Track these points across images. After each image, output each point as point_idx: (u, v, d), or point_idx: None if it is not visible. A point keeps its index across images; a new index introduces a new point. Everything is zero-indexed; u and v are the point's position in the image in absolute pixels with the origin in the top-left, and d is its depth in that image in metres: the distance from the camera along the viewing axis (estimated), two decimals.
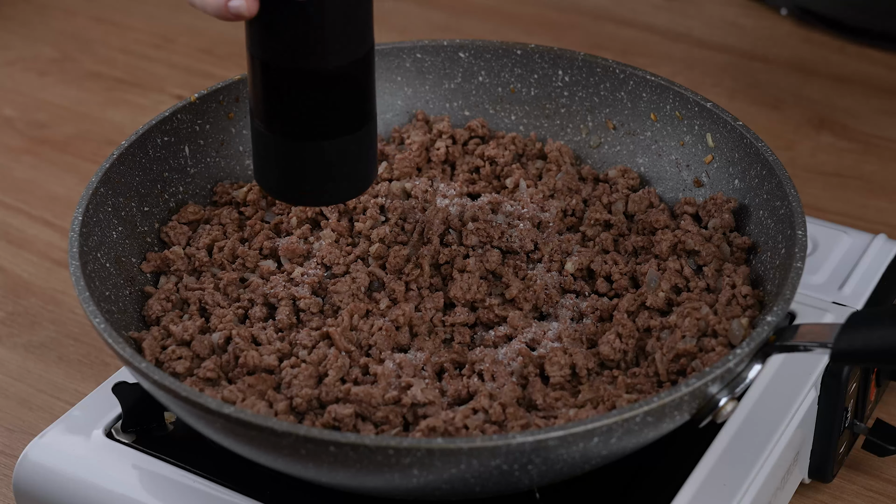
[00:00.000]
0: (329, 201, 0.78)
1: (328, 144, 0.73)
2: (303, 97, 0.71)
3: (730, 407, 0.71)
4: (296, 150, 0.73)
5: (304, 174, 0.74)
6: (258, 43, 0.71)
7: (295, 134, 0.72)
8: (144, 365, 0.70)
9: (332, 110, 0.72)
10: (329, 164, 0.74)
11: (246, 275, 0.85)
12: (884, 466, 0.90)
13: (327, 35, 0.69)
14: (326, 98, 0.71)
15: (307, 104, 0.71)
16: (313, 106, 0.71)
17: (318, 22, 0.68)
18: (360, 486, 0.70)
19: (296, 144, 0.73)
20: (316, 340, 0.79)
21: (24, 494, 0.80)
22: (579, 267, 0.84)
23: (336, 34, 0.69)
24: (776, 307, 0.72)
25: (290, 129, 0.72)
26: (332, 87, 0.71)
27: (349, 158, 0.74)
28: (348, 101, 0.72)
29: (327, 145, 0.73)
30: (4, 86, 1.40)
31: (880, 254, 0.93)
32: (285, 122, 0.72)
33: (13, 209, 1.20)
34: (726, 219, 0.85)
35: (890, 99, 1.30)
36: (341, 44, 0.70)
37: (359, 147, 0.74)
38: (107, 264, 0.81)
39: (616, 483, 0.77)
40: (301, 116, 0.72)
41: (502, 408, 0.73)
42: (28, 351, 1.03)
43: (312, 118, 0.72)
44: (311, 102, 0.71)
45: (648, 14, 1.47)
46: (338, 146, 0.73)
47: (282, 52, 0.70)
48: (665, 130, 0.91)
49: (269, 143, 0.73)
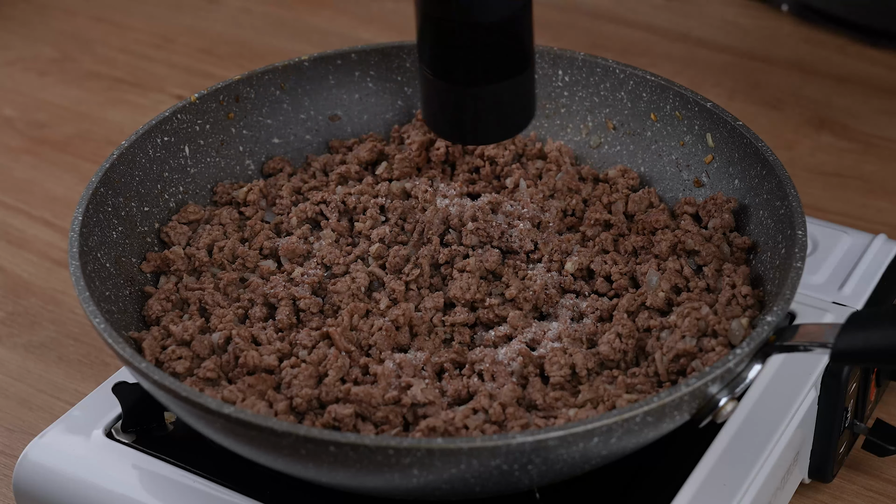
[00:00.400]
0: (501, 137, 0.83)
1: (490, 89, 0.78)
2: (473, 47, 0.77)
3: (730, 407, 0.71)
4: (466, 95, 0.79)
5: (475, 117, 0.80)
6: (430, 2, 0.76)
7: (466, 81, 0.78)
8: (144, 365, 0.70)
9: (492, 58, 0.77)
10: (497, 105, 0.79)
11: (246, 275, 0.85)
12: (884, 466, 0.90)
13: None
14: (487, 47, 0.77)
15: (476, 53, 0.77)
16: (481, 54, 0.77)
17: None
18: (360, 486, 0.70)
19: (467, 90, 0.78)
20: (316, 340, 0.79)
21: (24, 494, 0.80)
22: (579, 267, 0.84)
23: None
24: (776, 307, 0.72)
25: (463, 77, 0.78)
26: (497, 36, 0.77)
27: (515, 99, 0.80)
28: (511, 48, 0.78)
29: (489, 90, 0.78)
30: (4, 86, 1.40)
31: (880, 254, 0.93)
32: (457, 71, 0.78)
33: (13, 209, 1.20)
34: (726, 219, 0.85)
35: (890, 99, 1.30)
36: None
37: (523, 87, 0.80)
38: (107, 264, 0.81)
39: (616, 483, 0.77)
40: (472, 64, 0.77)
41: (502, 408, 0.73)
42: (28, 351, 1.03)
43: (482, 65, 0.77)
44: (479, 51, 0.77)
45: (648, 14, 1.47)
46: (505, 88, 0.79)
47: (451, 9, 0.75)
48: (665, 130, 0.91)
49: (440, 89, 0.79)
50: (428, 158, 0.93)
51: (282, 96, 0.94)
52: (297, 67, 0.94)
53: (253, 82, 0.93)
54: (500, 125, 0.81)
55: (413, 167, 0.92)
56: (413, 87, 0.97)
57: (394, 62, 0.96)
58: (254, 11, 1.52)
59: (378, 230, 0.86)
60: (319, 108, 0.96)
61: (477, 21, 0.75)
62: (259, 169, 0.94)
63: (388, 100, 0.97)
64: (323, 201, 0.89)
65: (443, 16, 0.76)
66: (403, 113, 0.97)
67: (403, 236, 0.86)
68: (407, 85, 0.97)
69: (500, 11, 0.76)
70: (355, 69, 0.96)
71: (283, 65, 0.94)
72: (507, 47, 0.78)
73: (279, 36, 1.47)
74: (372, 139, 0.95)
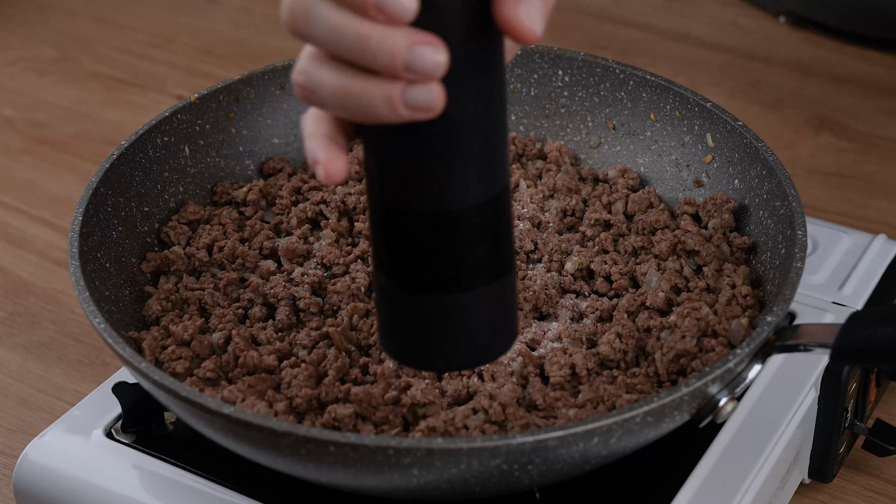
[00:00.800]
0: (472, 363, 0.66)
1: (465, 297, 0.63)
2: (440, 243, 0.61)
3: (730, 407, 0.71)
4: (426, 304, 0.63)
5: (438, 332, 0.64)
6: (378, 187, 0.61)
7: (426, 286, 0.62)
8: (144, 365, 0.70)
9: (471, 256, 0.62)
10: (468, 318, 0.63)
11: (246, 275, 0.85)
12: (884, 466, 0.90)
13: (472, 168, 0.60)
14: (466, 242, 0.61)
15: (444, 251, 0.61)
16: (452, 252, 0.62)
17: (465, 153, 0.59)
18: (360, 486, 0.70)
19: (427, 298, 0.63)
20: (316, 340, 0.79)
21: (24, 494, 0.80)
22: (579, 267, 0.84)
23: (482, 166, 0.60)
24: (776, 307, 0.72)
25: (421, 281, 0.62)
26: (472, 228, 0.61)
27: (486, 314, 0.64)
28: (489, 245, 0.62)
29: (464, 297, 0.63)
30: (4, 86, 1.40)
31: (880, 254, 0.93)
32: (414, 274, 0.62)
33: (13, 209, 1.20)
34: (726, 219, 0.85)
35: (890, 99, 1.30)
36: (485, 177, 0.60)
37: (496, 300, 0.64)
38: (107, 264, 0.81)
39: (616, 483, 0.77)
40: (433, 265, 0.62)
41: (502, 408, 0.73)
42: (28, 351, 1.03)
43: (446, 267, 0.62)
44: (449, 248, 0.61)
45: (648, 14, 1.47)
46: (475, 298, 0.63)
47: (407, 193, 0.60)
48: (665, 130, 0.91)
49: (396, 300, 0.64)
50: None
51: (282, 96, 0.94)
52: None
53: (253, 82, 0.93)
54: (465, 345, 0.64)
55: None
56: None
57: None
58: (254, 11, 1.52)
59: None
60: None
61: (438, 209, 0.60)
62: (259, 169, 0.94)
63: None
64: (323, 201, 0.89)
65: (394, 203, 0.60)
66: None
67: None
68: None
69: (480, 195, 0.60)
70: None
71: (283, 65, 0.94)
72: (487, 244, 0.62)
73: (279, 36, 1.47)
74: None
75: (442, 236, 0.61)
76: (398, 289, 0.63)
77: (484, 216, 0.61)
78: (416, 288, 0.62)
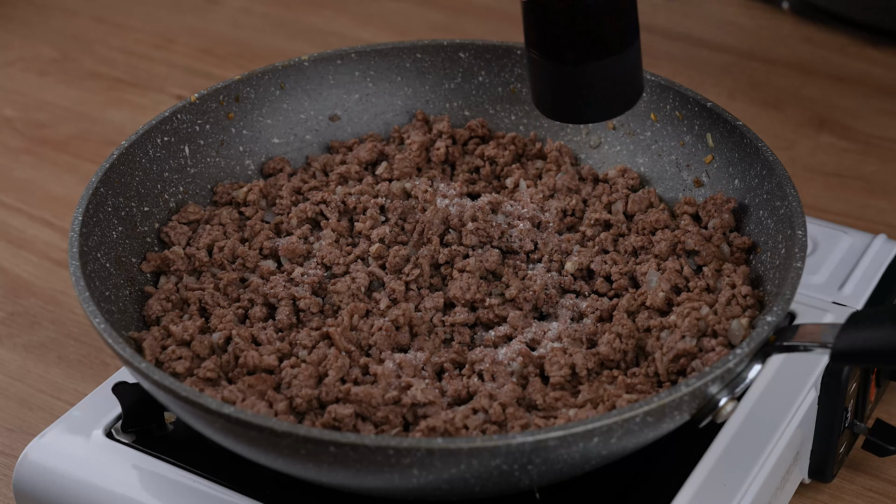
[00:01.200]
0: (605, 116, 0.82)
1: (596, 66, 0.78)
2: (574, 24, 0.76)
3: (730, 407, 0.71)
4: (572, 74, 0.78)
5: (582, 95, 0.79)
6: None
7: (571, 59, 0.77)
8: (144, 365, 0.70)
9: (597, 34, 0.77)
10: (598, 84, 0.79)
11: (246, 275, 0.85)
12: (884, 466, 0.90)
13: None
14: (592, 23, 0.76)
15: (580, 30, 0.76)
16: (586, 31, 0.76)
17: None
18: (360, 486, 0.70)
19: (573, 69, 0.78)
20: (316, 340, 0.79)
21: (24, 494, 0.80)
22: (579, 267, 0.84)
23: None
24: (776, 307, 0.72)
25: (567, 56, 0.77)
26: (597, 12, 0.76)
27: (616, 77, 0.79)
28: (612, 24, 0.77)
29: (595, 67, 0.78)
30: (4, 86, 1.40)
31: (880, 254, 0.93)
32: (562, 50, 0.77)
33: (13, 209, 1.20)
34: (726, 219, 0.85)
35: (890, 99, 1.30)
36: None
37: (624, 66, 0.79)
38: (107, 264, 0.81)
39: (616, 483, 0.77)
40: (575, 42, 0.77)
41: (502, 408, 0.73)
42: (28, 351, 1.03)
43: (580, 44, 0.77)
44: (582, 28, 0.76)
45: (648, 14, 1.47)
46: (604, 67, 0.78)
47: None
48: (665, 130, 0.91)
49: (547, 70, 0.79)
50: (428, 158, 0.94)
51: (282, 96, 0.94)
52: (297, 67, 0.94)
53: (253, 82, 0.93)
54: (605, 103, 0.81)
55: (413, 167, 0.92)
56: (413, 87, 0.97)
57: (394, 62, 0.96)
58: (254, 11, 1.52)
59: (378, 230, 0.86)
60: (319, 108, 0.96)
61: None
62: (259, 169, 0.94)
63: (388, 100, 0.97)
64: (323, 201, 0.89)
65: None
66: (403, 113, 0.97)
67: (403, 236, 0.86)
68: (407, 85, 0.97)
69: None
70: (355, 69, 0.96)
71: (283, 65, 0.94)
72: (608, 25, 0.77)
73: (279, 36, 1.47)
74: (372, 139, 0.95)
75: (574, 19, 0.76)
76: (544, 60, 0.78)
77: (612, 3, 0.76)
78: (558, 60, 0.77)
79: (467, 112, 0.97)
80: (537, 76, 0.80)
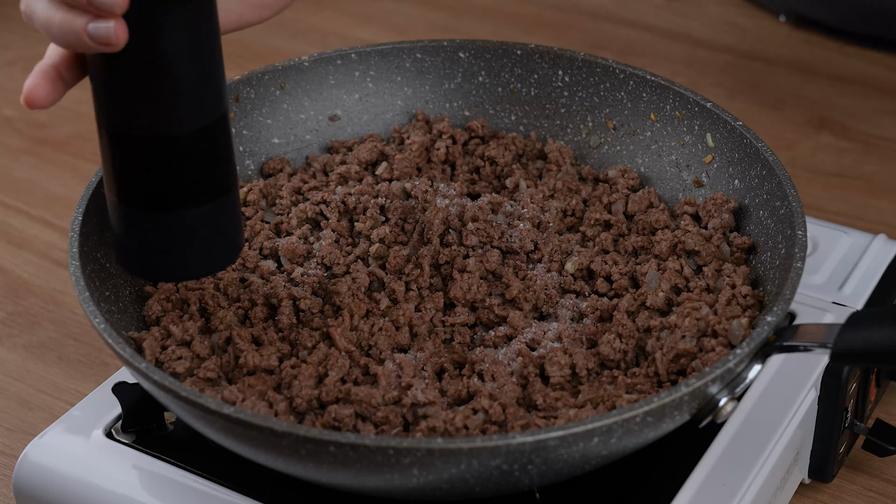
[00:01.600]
0: (195, 275, 0.74)
1: (187, 214, 0.69)
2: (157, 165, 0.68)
3: (730, 407, 0.71)
4: (153, 221, 0.69)
5: (164, 246, 0.71)
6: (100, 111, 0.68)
7: (150, 205, 0.69)
8: (144, 365, 0.70)
9: (189, 177, 0.68)
10: (190, 234, 0.70)
11: (246, 275, 0.85)
12: (884, 466, 0.90)
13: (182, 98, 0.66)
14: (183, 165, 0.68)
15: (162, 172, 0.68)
16: (169, 174, 0.68)
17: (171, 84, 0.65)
18: (360, 486, 0.70)
19: (152, 216, 0.69)
20: (316, 340, 0.79)
21: (24, 494, 0.80)
22: (579, 267, 0.84)
23: (191, 96, 0.66)
24: (776, 307, 0.72)
25: (146, 200, 0.69)
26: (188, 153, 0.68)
27: (210, 229, 0.71)
28: (206, 167, 0.69)
29: (187, 214, 0.69)
30: (4, 86, 1.40)
31: (880, 254, 0.93)
32: (140, 194, 0.69)
33: (13, 209, 1.20)
34: (726, 219, 0.85)
35: (890, 99, 1.30)
36: (196, 106, 0.67)
37: (219, 217, 0.71)
38: (107, 264, 0.81)
39: (616, 483, 0.77)
40: (156, 186, 0.68)
41: (502, 408, 0.73)
42: (28, 351, 1.03)
43: (169, 187, 0.68)
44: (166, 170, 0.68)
45: (648, 14, 1.47)
46: (198, 215, 0.70)
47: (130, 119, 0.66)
48: (665, 130, 0.91)
49: (126, 218, 0.70)
50: (428, 158, 0.93)
51: (282, 96, 0.94)
52: (297, 67, 0.94)
53: (253, 82, 0.93)
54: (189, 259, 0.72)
55: (413, 167, 0.92)
56: (413, 87, 0.97)
57: (394, 62, 0.96)
58: None
59: (378, 230, 0.86)
60: (319, 108, 0.96)
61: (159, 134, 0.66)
62: (259, 169, 0.94)
63: (388, 100, 0.97)
64: (323, 201, 0.89)
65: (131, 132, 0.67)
66: (403, 113, 0.97)
67: (403, 236, 0.86)
68: (407, 85, 0.97)
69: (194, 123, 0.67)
70: (355, 69, 0.96)
71: (283, 65, 0.94)
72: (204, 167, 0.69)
73: (279, 36, 1.47)
74: (372, 139, 0.95)
75: (160, 159, 0.67)
76: (127, 207, 0.69)
77: (201, 141, 0.67)
78: (141, 206, 0.69)
79: (467, 112, 0.97)
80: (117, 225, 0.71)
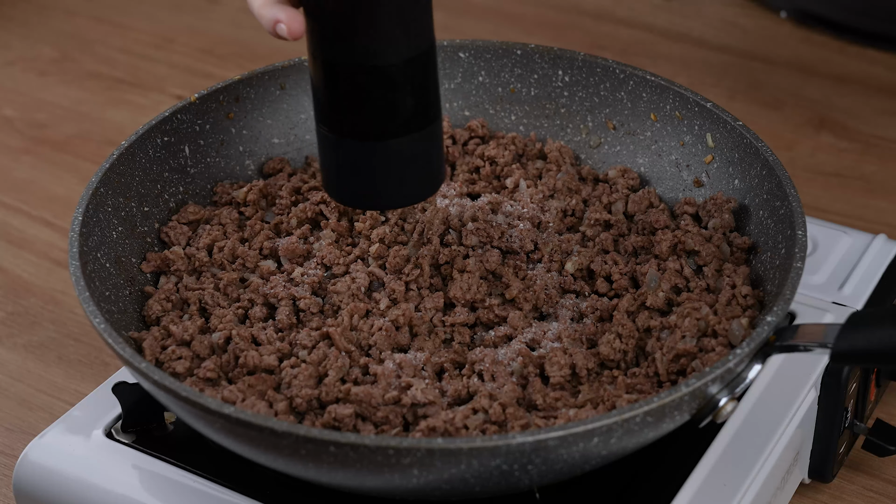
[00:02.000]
0: (401, 203, 0.77)
1: (395, 143, 0.72)
2: (368, 95, 0.71)
3: (730, 407, 0.71)
4: (363, 150, 0.73)
5: (373, 176, 0.74)
6: (319, 43, 0.71)
7: (360, 134, 0.72)
8: (144, 365, 0.70)
9: (397, 107, 0.71)
10: (398, 163, 0.73)
11: (246, 275, 0.85)
12: (884, 466, 0.90)
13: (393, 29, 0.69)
14: (393, 95, 0.71)
15: (373, 102, 0.71)
16: (380, 103, 0.71)
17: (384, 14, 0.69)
18: (360, 486, 0.70)
19: (363, 145, 0.72)
20: (316, 340, 0.79)
21: (24, 494, 0.80)
22: (579, 267, 0.84)
23: (402, 27, 0.69)
24: (776, 307, 0.72)
25: (356, 130, 0.72)
26: (398, 82, 0.71)
27: (416, 158, 0.74)
28: (414, 97, 0.72)
29: (394, 144, 0.72)
30: (4, 86, 1.40)
31: (880, 254, 0.93)
32: (351, 123, 0.72)
33: (13, 209, 1.20)
34: (726, 219, 0.85)
35: (890, 99, 1.30)
36: (407, 37, 0.70)
37: (425, 146, 0.74)
38: (107, 264, 0.81)
39: (616, 483, 0.77)
40: (367, 115, 0.71)
41: (502, 408, 0.73)
42: (28, 351, 1.03)
43: (379, 116, 0.71)
44: (374, 100, 0.71)
45: (648, 14, 1.47)
46: (404, 145, 0.73)
47: (337, 48, 0.70)
48: (665, 130, 0.91)
49: (336, 146, 0.73)
50: None
51: (282, 96, 0.94)
52: (297, 67, 0.94)
53: (253, 82, 0.93)
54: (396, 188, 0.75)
55: None
56: None
57: None
58: None
59: (378, 230, 0.86)
60: None
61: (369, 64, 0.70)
62: (259, 169, 0.94)
63: None
64: (323, 201, 0.89)
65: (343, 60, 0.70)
66: None
67: (403, 236, 0.86)
68: None
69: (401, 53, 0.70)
70: None
71: (283, 65, 0.94)
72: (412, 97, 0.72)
73: None
74: None
75: (372, 89, 0.70)
76: (337, 137, 0.72)
77: (410, 72, 0.70)
78: (353, 135, 0.72)
79: (467, 112, 0.97)
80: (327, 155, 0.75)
